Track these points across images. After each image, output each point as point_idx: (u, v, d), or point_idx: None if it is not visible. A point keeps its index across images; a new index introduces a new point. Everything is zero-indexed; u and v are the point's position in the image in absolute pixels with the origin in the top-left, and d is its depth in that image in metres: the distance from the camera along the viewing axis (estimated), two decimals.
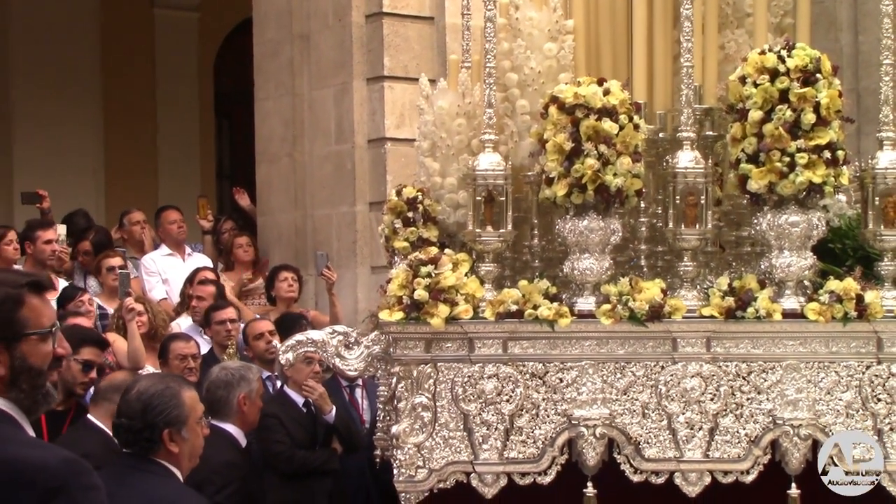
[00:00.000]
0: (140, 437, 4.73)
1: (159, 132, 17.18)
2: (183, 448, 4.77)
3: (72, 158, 15.93)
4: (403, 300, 5.71)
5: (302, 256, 10.96)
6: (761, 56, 5.76)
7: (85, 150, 16.34)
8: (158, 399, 4.77)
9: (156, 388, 4.85)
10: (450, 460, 5.73)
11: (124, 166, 16.58)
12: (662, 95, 6.28)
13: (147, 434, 4.72)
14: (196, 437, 4.88)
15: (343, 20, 10.77)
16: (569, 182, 5.68)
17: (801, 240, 5.76)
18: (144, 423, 4.72)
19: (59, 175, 14.94)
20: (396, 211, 6.58)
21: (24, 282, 3.57)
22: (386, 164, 10.50)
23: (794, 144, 5.64)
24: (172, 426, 4.74)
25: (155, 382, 4.97)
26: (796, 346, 5.75)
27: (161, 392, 4.80)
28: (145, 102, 17.06)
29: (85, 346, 7.08)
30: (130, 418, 4.76)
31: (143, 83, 17.02)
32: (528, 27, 6.32)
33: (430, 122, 6.65)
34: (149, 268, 10.70)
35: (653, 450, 5.73)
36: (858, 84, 10.56)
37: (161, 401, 4.76)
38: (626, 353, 5.75)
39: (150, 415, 4.73)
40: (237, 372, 6.74)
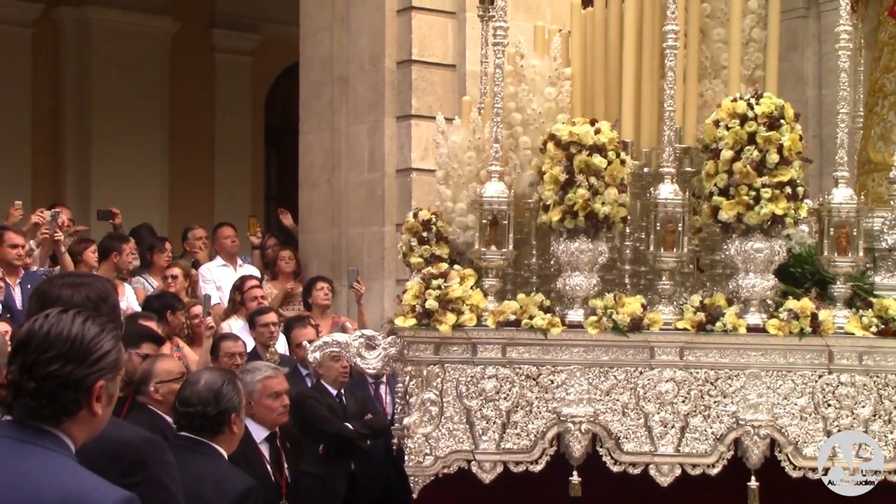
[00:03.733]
0: (212, 422, 4.80)
1: (216, 159, 17.24)
2: (238, 431, 4.85)
3: (141, 180, 16.01)
4: (416, 308, 5.69)
5: (337, 270, 10.95)
6: (733, 103, 5.74)
7: (152, 174, 16.43)
8: (227, 388, 4.86)
9: (222, 378, 4.93)
10: (453, 449, 5.70)
11: (185, 188, 16.65)
12: (648, 135, 6.26)
13: (219, 419, 4.79)
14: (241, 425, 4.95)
15: (377, 66, 10.78)
16: (563, 209, 5.68)
17: (765, 264, 5.73)
18: (218, 409, 4.79)
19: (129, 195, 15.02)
20: (413, 231, 6.58)
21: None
22: (411, 191, 10.49)
23: (760, 181, 5.62)
24: (237, 412, 4.82)
25: (219, 375, 5.04)
26: (758, 356, 5.72)
27: (227, 381, 4.89)
28: (205, 133, 17.14)
29: (144, 342, 7.10)
30: (205, 405, 4.81)
31: (203, 117, 17.11)
32: (532, 73, 6.32)
33: (445, 155, 6.65)
34: (205, 276, 10.73)
35: (631, 444, 5.70)
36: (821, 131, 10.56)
37: (229, 390, 4.85)
38: (609, 359, 5.72)
39: (223, 402, 4.79)
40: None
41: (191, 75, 16.90)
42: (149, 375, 6.31)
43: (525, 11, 10.33)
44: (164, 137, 16.75)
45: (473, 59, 10.09)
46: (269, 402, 6.15)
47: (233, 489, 4.56)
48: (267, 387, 6.12)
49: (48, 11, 16.33)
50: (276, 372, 6.34)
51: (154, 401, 6.08)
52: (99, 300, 3.58)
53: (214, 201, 16.88)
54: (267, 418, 6.31)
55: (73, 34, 16.32)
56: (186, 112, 16.83)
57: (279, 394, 6.27)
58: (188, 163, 16.79)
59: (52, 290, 3.67)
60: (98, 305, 3.57)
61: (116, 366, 3.00)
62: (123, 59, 16.07)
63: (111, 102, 16.05)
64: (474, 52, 9.94)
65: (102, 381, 2.97)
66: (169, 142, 16.80)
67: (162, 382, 6.07)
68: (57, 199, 13.37)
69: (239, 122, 17.44)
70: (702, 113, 6.24)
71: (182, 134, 16.82)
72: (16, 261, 8.86)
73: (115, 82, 16.05)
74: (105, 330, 2.98)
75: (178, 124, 16.80)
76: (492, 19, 6.15)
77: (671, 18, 5.93)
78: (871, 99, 7.29)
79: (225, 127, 17.28)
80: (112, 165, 15.88)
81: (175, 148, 16.81)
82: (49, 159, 16.24)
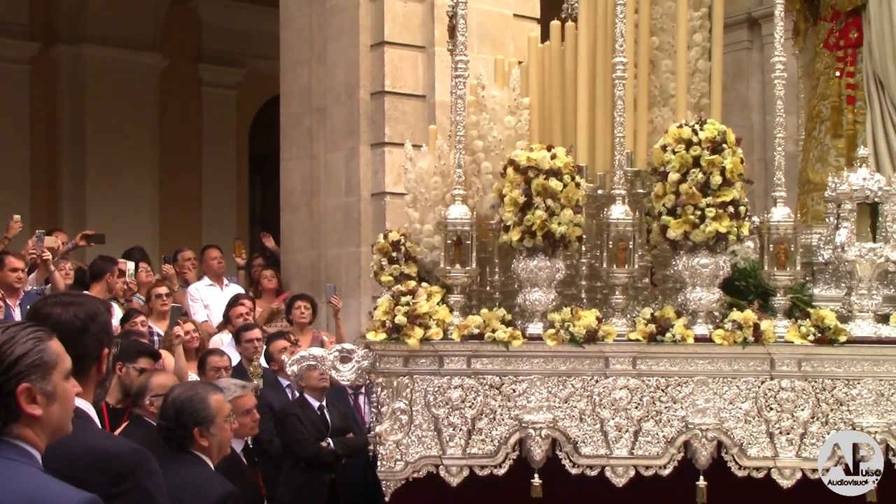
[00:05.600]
0: (176, 435, 4.78)
1: (204, 185, 17.24)
2: (212, 442, 4.86)
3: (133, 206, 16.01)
4: (386, 324, 5.69)
5: (317, 288, 10.94)
6: (679, 129, 5.77)
7: (144, 199, 16.43)
8: (188, 404, 4.84)
9: (186, 394, 4.92)
10: (422, 455, 5.69)
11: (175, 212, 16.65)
12: (601, 160, 6.26)
13: (181, 433, 4.78)
14: (224, 432, 4.95)
15: (352, 97, 10.80)
16: (522, 229, 5.68)
17: (710, 278, 5.75)
18: (178, 423, 4.78)
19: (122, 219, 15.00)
20: (383, 251, 6.57)
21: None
22: (385, 214, 10.50)
23: (705, 201, 5.63)
24: (201, 425, 4.79)
25: (186, 390, 5.03)
26: (705, 364, 5.72)
27: (190, 398, 4.88)
28: (193, 161, 17.16)
29: (141, 357, 7.10)
30: (167, 420, 4.83)
31: (191, 146, 17.14)
32: (492, 103, 6.32)
33: (413, 180, 6.63)
34: (193, 295, 10.72)
35: (588, 448, 5.70)
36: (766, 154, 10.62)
37: (190, 405, 4.83)
38: (567, 368, 5.72)
39: (182, 417, 4.78)
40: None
41: (179, 107, 16.94)
42: (144, 389, 6.30)
43: (490, 45, 10.41)
44: (154, 165, 16.76)
45: (442, 89, 10.13)
46: (241, 419, 6.13)
47: (212, 494, 4.55)
48: (238, 405, 6.09)
49: (45, 49, 16.36)
50: (245, 390, 6.34)
51: (150, 413, 6.06)
52: (88, 319, 3.57)
53: (202, 225, 16.88)
54: (240, 433, 6.30)
55: (68, 70, 16.34)
56: (175, 141, 16.85)
57: (249, 410, 6.26)
58: (177, 189, 16.79)
59: (45, 308, 3.67)
60: (87, 324, 3.56)
61: (41, 366, 2.92)
62: (116, 92, 16.09)
63: (104, 133, 16.06)
64: (443, 84, 10.00)
65: (26, 384, 2.89)
66: (159, 169, 16.80)
67: (157, 396, 6.05)
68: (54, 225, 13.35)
69: (224, 151, 17.47)
70: (652, 138, 6.25)
71: (171, 162, 16.83)
72: (16, 283, 8.86)
73: (108, 114, 16.06)
74: (16, 336, 2.90)
75: (167, 153, 16.82)
76: (454, 53, 6.16)
77: (620, 51, 5.97)
78: (810, 124, 7.34)
79: (211, 155, 17.31)
80: (106, 192, 15.88)
81: (165, 175, 16.82)
82: (46, 187, 16.23)
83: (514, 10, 10.99)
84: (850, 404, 5.74)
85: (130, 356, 7.04)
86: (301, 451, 7.89)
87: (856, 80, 6.96)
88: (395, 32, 10.62)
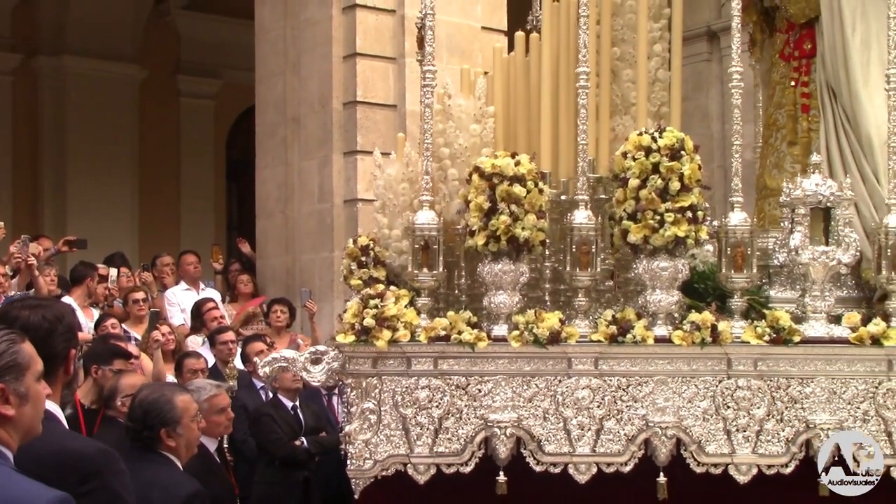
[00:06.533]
0: (143, 436, 4.72)
1: (182, 193, 17.17)
2: (179, 442, 4.78)
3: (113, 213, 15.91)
4: (356, 326, 5.68)
5: (291, 292, 10.88)
6: (639, 137, 5.77)
7: (123, 207, 16.32)
8: (155, 405, 4.77)
9: (153, 395, 4.85)
10: (391, 453, 5.68)
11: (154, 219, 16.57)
12: (565, 166, 6.26)
13: (147, 433, 4.71)
14: (191, 432, 4.87)
15: (326, 107, 10.76)
16: (487, 234, 5.68)
17: (670, 281, 5.75)
18: (145, 424, 4.72)
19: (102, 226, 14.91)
20: (353, 256, 6.54)
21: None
22: (358, 220, 10.44)
23: (664, 206, 5.64)
24: (168, 425, 4.73)
25: (153, 391, 4.95)
26: (665, 364, 5.73)
27: (157, 399, 4.80)
28: (171, 169, 17.09)
29: (115, 358, 7.03)
30: (134, 421, 4.76)
31: (170, 154, 17.06)
32: (458, 112, 6.31)
33: (382, 186, 6.62)
34: (170, 299, 10.63)
35: (551, 446, 5.69)
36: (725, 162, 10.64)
37: (157, 406, 4.76)
38: (531, 369, 5.71)
39: (149, 418, 4.72)
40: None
41: (158, 117, 16.87)
42: (115, 391, 6.24)
43: (459, 56, 10.39)
44: (133, 173, 16.67)
45: (412, 99, 10.09)
46: (216, 418, 6.07)
47: (179, 493, 4.50)
48: (213, 404, 6.04)
49: (27, 61, 16.26)
50: (219, 389, 6.28)
51: (122, 414, 5.98)
52: (55, 320, 3.54)
53: (180, 231, 16.79)
54: (214, 432, 6.23)
55: (49, 81, 16.25)
56: (154, 150, 16.78)
57: (224, 409, 6.20)
58: (156, 196, 16.72)
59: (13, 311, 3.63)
60: (54, 325, 3.53)
61: (14, 367, 2.91)
62: (96, 103, 16.00)
63: (85, 142, 15.98)
64: (413, 94, 9.95)
65: (0, 385, 2.88)
66: (138, 177, 16.72)
67: (127, 396, 5.98)
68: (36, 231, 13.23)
69: (202, 159, 17.40)
70: (613, 146, 6.25)
71: (150, 170, 16.76)
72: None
73: (89, 124, 15.97)
74: None
75: (146, 161, 16.75)
76: (422, 64, 6.15)
77: (582, 61, 5.97)
78: (767, 132, 7.36)
79: (189, 163, 17.24)
80: (86, 200, 15.78)
81: (144, 183, 16.74)
82: (28, 195, 16.12)
83: (483, 23, 10.98)
84: (804, 402, 5.76)
85: (105, 358, 6.98)
86: (275, 450, 7.84)
87: (810, 89, 6.98)
88: (367, 44, 10.60)
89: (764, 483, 5.73)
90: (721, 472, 5.73)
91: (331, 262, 10.62)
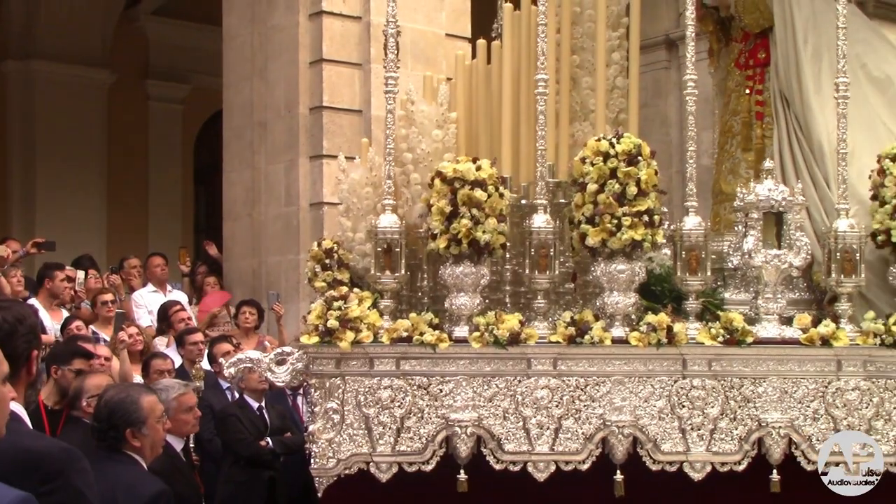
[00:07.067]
0: (107, 436, 4.69)
1: (150, 196, 17.04)
2: (144, 442, 4.73)
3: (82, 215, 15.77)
4: (319, 327, 5.68)
5: (258, 294, 10.83)
6: (597, 142, 5.81)
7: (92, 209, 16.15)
8: (121, 405, 4.72)
9: (119, 396, 4.80)
10: (353, 452, 5.68)
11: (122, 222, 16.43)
12: (525, 171, 6.29)
13: (112, 433, 4.67)
14: (156, 433, 4.82)
15: (292, 112, 10.73)
16: (448, 237, 5.70)
17: (627, 283, 5.79)
18: (110, 424, 4.68)
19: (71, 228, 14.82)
20: (317, 258, 6.52)
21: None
22: (323, 223, 10.41)
23: (621, 210, 5.68)
24: (133, 426, 4.70)
25: (119, 391, 4.91)
26: (622, 364, 5.76)
27: (123, 399, 4.76)
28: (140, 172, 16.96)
29: (75, 358, 6.96)
30: (100, 421, 4.72)
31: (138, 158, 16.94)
32: (421, 117, 6.33)
33: (346, 190, 6.61)
34: (138, 301, 10.56)
35: (511, 445, 5.71)
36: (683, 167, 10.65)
37: (123, 406, 4.72)
38: (491, 369, 5.73)
39: (115, 418, 4.69)
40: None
41: (127, 121, 16.74)
42: (80, 391, 6.19)
43: (424, 63, 10.39)
44: (102, 176, 16.52)
45: (377, 104, 10.06)
46: (183, 417, 6.04)
47: (144, 492, 4.47)
48: (182, 403, 6.01)
49: None
50: (187, 388, 6.25)
51: (87, 414, 5.94)
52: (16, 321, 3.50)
53: (149, 233, 16.67)
54: (182, 430, 6.20)
55: (19, 85, 16.07)
56: (123, 154, 16.66)
57: (191, 408, 6.17)
58: (125, 199, 16.59)
59: None
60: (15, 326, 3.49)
61: None
62: (65, 107, 15.84)
63: (54, 146, 15.82)
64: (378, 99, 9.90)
65: None
66: (107, 180, 16.57)
67: (93, 397, 5.94)
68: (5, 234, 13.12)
69: (170, 163, 17.31)
70: (573, 151, 6.28)
71: (119, 173, 16.63)
72: None
73: (58, 128, 15.82)
74: None
75: (115, 165, 16.61)
76: (385, 70, 6.15)
77: (542, 69, 5.99)
78: (722, 138, 7.41)
79: (158, 167, 17.14)
80: (55, 202, 15.62)
81: (112, 186, 16.60)
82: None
83: (447, 30, 11.00)
84: (757, 401, 5.80)
85: (65, 358, 6.91)
86: (241, 450, 7.81)
87: (764, 97, 7.05)
88: (333, 50, 10.58)
89: (718, 480, 5.77)
90: (676, 469, 5.77)
91: (297, 265, 10.58)
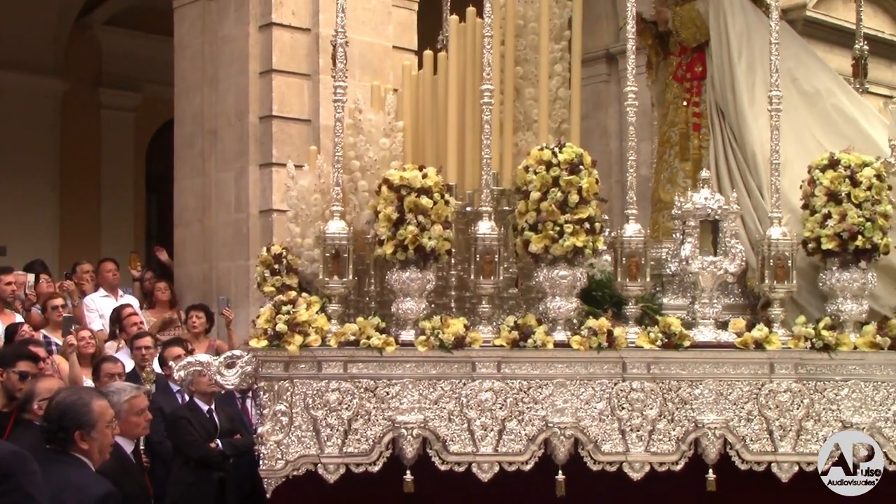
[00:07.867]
0: (57, 438, 4.60)
1: (102, 202, 16.83)
2: (93, 445, 4.64)
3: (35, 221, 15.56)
4: (268, 331, 5.64)
5: (208, 298, 10.74)
6: (540, 152, 5.82)
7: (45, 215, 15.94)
8: (72, 408, 4.63)
9: (70, 398, 4.71)
10: (302, 454, 5.65)
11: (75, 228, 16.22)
12: (470, 179, 6.29)
13: (62, 435, 4.59)
14: (105, 437, 4.74)
15: (242, 120, 10.66)
16: (395, 243, 5.68)
17: (569, 288, 5.80)
18: (59, 426, 4.59)
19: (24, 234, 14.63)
20: (266, 264, 6.46)
21: None
22: (273, 229, 10.33)
23: (563, 217, 5.69)
24: (83, 429, 4.61)
25: (71, 394, 4.82)
26: (564, 368, 5.77)
27: (74, 402, 4.67)
28: (93, 180, 16.76)
29: (20, 361, 6.84)
30: (49, 422, 4.64)
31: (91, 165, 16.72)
32: (368, 126, 6.32)
33: (295, 197, 6.57)
34: (89, 306, 10.43)
35: (456, 446, 5.70)
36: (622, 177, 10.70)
37: (73, 409, 4.63)
38: (437, 372, 5.72)
39: (64, 420, 4.60)
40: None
41: (79, 129, 16.53)
42: (31, 395, 6.09)
43: (372, 74, 10.36)
44: (55, 183, 16.30)
45: (326, 114, 10.04)
46: (134, 419, 5.96)
47: (92, 493, 4.39)
48: (133, 405, 5.93)
49: None
50: (138, 391, 6.17)
51: (38, 417, 5.84)
52: None
53: (101, 239, 16.47)
54: (132, 432, 6.12)
55: None
56: (76, 161, 16.45)
57: (142, 411, 6.09)
58: (77, 205, 16.38)
59: None
60: None
61: None
62: (18, 114, 15.63)
63: (7, 152, 15.57)
64: (327, 109, 9.88)
65: None
66: (60, 187, 16.37)
67: (44, 400, 5.84)
68: None
69: (123, 170, 17.12)
70: (516, 160, 6.29)
71: (72, 181, 16.43)
72: None
73: (11, 135, 15.58)
74: None
75: (67, 171, 16.41)
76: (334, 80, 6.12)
77: (487, 79, 5.99)
78: (661, 149, 7.46)
79: (110, 174, 16.95)
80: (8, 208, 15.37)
81: (66, 193, 16.40)
82: None
83: (394, 42, 10.99)
84: (693, 403, 5.84)
85: (9, 361, 6.78)
86: (191, 452, 7.73)
87: (701, 109, 7.11)
88: (283, 61, 10.53)
89: (656, 480, 5.79)
90: (616, 469, 5.79)
91: (247, 270, 10.51)
